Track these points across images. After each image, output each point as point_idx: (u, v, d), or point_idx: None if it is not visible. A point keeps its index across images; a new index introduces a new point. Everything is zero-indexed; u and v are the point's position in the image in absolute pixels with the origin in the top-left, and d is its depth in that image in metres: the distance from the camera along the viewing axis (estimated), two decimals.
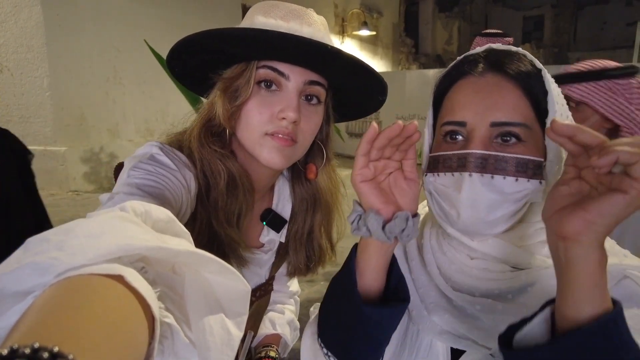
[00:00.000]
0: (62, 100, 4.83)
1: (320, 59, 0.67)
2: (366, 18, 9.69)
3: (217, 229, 0.69)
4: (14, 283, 0.29)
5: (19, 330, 0.26)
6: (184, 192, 0.63)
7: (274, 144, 0.68)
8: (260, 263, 0.84)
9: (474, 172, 0.51)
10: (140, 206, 0.40)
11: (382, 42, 11.39)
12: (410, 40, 12.63)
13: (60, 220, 3.86)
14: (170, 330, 0.36)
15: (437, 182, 0.57)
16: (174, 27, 5.75)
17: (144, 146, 0.65)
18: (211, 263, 0.38)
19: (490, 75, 0.55)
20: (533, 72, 0.55)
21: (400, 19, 12.28)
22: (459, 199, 0.53)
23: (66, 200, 4.66)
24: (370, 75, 0.71)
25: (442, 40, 14.11)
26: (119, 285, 0.31)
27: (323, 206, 0.85)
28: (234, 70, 0.69)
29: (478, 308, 0.55)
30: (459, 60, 0.60)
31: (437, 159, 0.57)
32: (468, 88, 0.55)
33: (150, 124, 5.82)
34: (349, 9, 9.43)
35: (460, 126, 0.54)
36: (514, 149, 0.52)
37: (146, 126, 5.78)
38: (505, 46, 0.58)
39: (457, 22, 14.14)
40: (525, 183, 0.51)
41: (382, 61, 11.48)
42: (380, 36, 11.18)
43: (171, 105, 5.80)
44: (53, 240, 0.32)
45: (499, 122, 0.52)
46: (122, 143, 5.47)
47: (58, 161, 4.87)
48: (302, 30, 0.65)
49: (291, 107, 0.66)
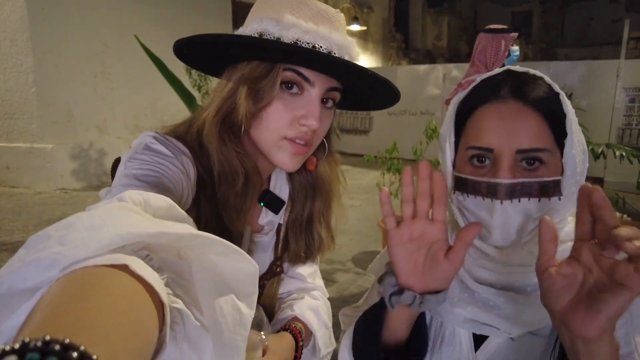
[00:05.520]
0: (48, 96, 4.75)
1: (346, 73, 0.68)
2: (356, 13, 9.67)
3: (229, 226, 0.69)
4: (20, 281, 0.29)
5: (29, 326, 0.26)
6: (184, 179, 0.62)
7: (291, 150, 0.68)
8: (263, 246, 0.85)
9: (505, 200, 0.57)
10: (138, 195, 0.40)
11: (373, 37, 11.38)
12: (400, 36, 12.63)
13: (49, 219, 3.82)
14: (181, 316, 0.36)
15: (468, 202, 0.61)
16: (163, 22, 5.69)
17: (139, 137, 0.65)
18: (216, 244, 0.38)
19: (513, 101, 0.58)
20: (552, 96, 0.59)
21: (390, 14, 12.27)
22: (491, 223, 0.58)
23: (54, 198, 4.59)
24: (389, 90, 0.72)
25: (432, 36, 14.15)
26: (125, 275, 0.31)
27: (324, 195, 0.85)
28: (256, 68, 0.67)
29: (501, 300, 0.59)
30: (480, 83, 0.63)
31: (466, 182, 0.61)
32: (493, 115, 0.59)
33: (140, 120, 5.75)
34: (340, 3, 9.40)
35: (488, 151, 0.59)
36: (538, 172, 0.57)
37: (135, 122, 5.71)
38: (523, 69, 0.62)
39: (447, 17, 14.18)
40: (547, 202, 0.57)
41: (373, 56, 11.47)
42: (371, 31, 11.17)
43: (161, 101, 5.74)
44: (54, 235, 0.32)
45: (524, 149, 0.56)
46: (110, 140, 5.40)
47: (45, 159, 4.80)
48: (330, 36, 0.65)
49: (314, 115, 0.67)
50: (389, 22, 12.20)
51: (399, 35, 12.56)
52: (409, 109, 7.59)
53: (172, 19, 5.80)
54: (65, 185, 4.94)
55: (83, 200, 4.51)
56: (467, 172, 0.61)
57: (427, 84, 7.53)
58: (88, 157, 5.16)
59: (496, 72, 0.63)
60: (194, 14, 6.19)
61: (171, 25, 5.59)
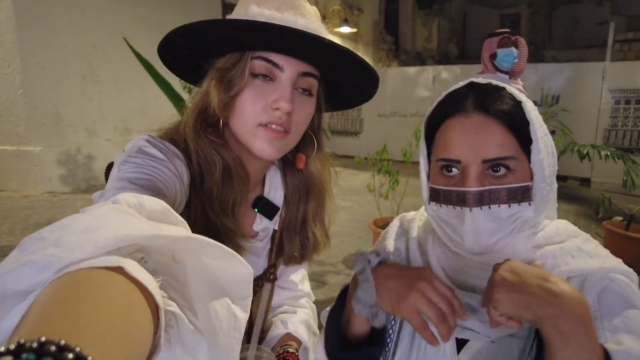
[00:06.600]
0: (35, 98, 4.68)
1: (315, 51, 0.67)
2: (347, 15, 9.69)
3: (213, 219, 0.69)
4: (14, 283, 0.29)
5: (23, 327, 0.26)
6: (177, 182, 0.62)
7: (267, 135, 0.68)
8: (257, 252, 0.84)
9: (474, 207, 0.60)
10: (133, 198, 0.40)
11: (363, 39, 11.42)
12: (390, 38, 12.69)
13: (36, 223, 3.75)
14: (175, 319, 0.36)
15: (441, 212, 0.64)
16: (152, 23, 5.65)
17: (132, 140, 0.65)
18: (211, 247, 0.38)
19: (476, 114, 0.61)
20: (514, 106, 0.61)
21: (380, 16, 12.33)
22: (463, 229, 0.61)
23: (42, 202, 4.52)
24: (364, 68, 0.71)
25: (422, 38, 14.24)
26: (120, 277, 0.31)
27: (316, 194, 0.85)
28: (227, 60, 0.69)
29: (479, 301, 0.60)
30: (445, 97, 0.66)
31: (438, 192, 0.64)
32: (457, 128, 0.62)
33: (129, 123, 5.70)
34: (330, 5, 9.42)
35: (455, 162, 0.62)
36: (505, 179, 0.60)
37: (124, 125, 5.66)
38: (485, 80, 0.65)
39: (436, 19, 14.30)
40: (517, 207, 0.60)
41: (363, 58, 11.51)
42: (361, 33, 11.20)
43: (150, 103, 5.69)
44: (49, 237, 0.32)
45: (490, 159, 0.59)
46: (99, 142, 5.34)
47: (32, 161, 4.73)
48: (296, 22, 0.65)
49: (285, 97, 0.67)
50: (379, 24, 12.26)
51: (389, 37, 12.63)
52: (399, 111, 7.64)
53: (161, 21, 5.76)
54: (53, 189, 4.87)
55: (71, 204, 4.45)
56: (439, 182, 0.64)
57: (417, 85, 7.59)
58: (76, 160, 5.10)
59: (460, 86, 0.65)
60: (184, 15, 6.14)
61: (160, 27, 5.51)
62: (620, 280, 0.57)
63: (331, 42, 0.65)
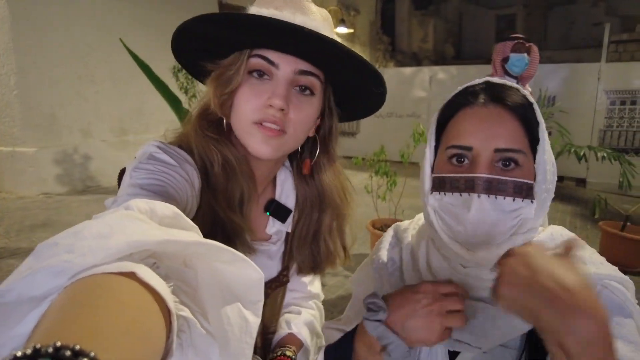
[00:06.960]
0: (30, 98, 4.65)
1: (311, 47, 0.66)
2: (343, 16, 9.70)
3: (220, 213, 0.69)
4: (29, 289, 0.30)
5: (39, 332, 0.27)
6: (188, 188, 0.63)
7: (262, 134, 0.67)
8: (270, 254, 0.84)
9: (482, 194, 0.60)
10: (144, 204, 0.40)
11: (360, 39, 11.43)
12: (387, 38, 12.71)
13: (32, 224, 3.72)
14: (187, 323, 0.37)
15: (444, 200, 0.64)
16: (148, 23, 5.63)
17: (143, 146, 0.65)
18: (222, 252, 0.38)
19: (492, 106, 0.62)
20: (527, 105, 0.63)
21: (377, 16, 12.35)
22: (468, 217, 0.60)
23: (37, 203, 4.49)
24: (363, 65, 0.70)
25: (418, 38, 14.28)
26: (133, 282, 0.32)
27: (332, 207, 0.83)
28: (228, 59, 0.70)
29: (472, 312, 0.61)
30: (461, 89, 0.67)
31: (444, 180, 0.64)
32: (473, 117, 0.63)
33: (125, 124, 5.68)
34: (326, 6, 9.43)
35: (467, 150, 0.62)
36: (513, 173, 0.60)
37: (121, 125, 5.63)
38: (501, 80, 0.66)
39: (433, 20, 14.33)
40: (520, 202, 0.60)
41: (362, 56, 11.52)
42: (358, 34, 11.22)
43: (147, 104, 5.67)
44: (62, 243, 0.32)
45: (502, 148, 0.60)
46: (95, 143, 5.32)
47: (27, 162, 4.70)
48: (294, 19, 0.65)
49: (278, 94, 0.66)
50: (375, 24, 12.27)
51: (385, 38, 12.65)
52: (395, 112, 7.64)
53: (158, 21, 5.74)
54: (48, 190, 4.84)
55: (67, 205, 4.42)
56: (446, 171, 0.64)
57: (414, 86, 7.60)
58: (72, 160, 5.07)
59: (476, 82, 0.67)
60: (181, 16, 6.10)
61: (157, 28, 5.53)
62: (614, 287, 0.58)
63: (326, 37, 0.64)
